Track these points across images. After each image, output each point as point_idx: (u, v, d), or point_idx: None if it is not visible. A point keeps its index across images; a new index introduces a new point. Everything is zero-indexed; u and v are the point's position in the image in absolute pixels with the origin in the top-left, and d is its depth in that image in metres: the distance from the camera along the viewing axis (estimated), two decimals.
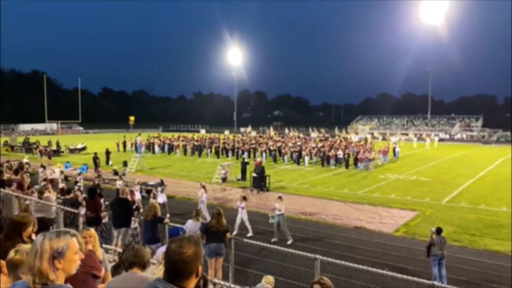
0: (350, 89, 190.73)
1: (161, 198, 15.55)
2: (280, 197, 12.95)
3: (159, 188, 16.48)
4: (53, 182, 16.10)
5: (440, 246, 9.17)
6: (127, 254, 3.17)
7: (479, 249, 11.70)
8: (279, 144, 35.83)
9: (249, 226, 13.15)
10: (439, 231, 9.50)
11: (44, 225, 4.39)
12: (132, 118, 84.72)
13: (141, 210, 15.05)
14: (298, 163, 30.40)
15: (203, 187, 15.54)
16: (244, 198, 13.56)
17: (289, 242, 11.99)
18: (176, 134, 46.18)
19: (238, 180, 22.90)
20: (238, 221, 13.22)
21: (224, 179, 20.88)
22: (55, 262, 2.01)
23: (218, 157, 34.81)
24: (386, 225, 14.13)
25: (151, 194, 15.85)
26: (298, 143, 35.48)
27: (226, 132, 53.14)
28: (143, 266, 3.14)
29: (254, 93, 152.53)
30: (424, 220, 14.81)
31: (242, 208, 13.27)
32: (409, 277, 6.20)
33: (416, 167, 28.58)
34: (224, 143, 37.59)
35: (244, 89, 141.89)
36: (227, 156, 34.96)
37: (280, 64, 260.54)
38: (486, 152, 42.25)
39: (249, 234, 12.80)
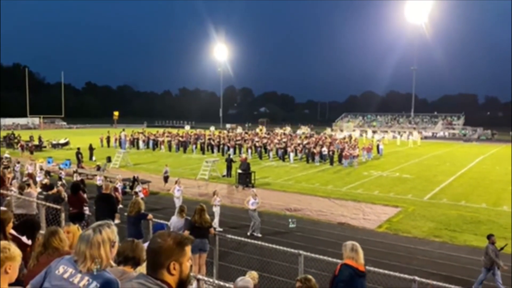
0: (335, 86, 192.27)
1: (121, 193, 15.55)
2: (255, 194, 13.02)
3: (138, 184, 16.36)
4: (33, 177, 15.79)
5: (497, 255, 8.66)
6: (125, 247, 3.07)
7: (459, 245, 11.95)
8: (264, 140, 35.91)
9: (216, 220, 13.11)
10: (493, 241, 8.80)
11: (32, 224, 4.26)
12: (116, 113, 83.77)
13: (119, 206, 15.01)
14: (284, 160, 30.50)
15: (176, 182, 15.53)
16: (214, 193, 13.42)
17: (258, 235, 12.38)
18: (161, 130, 45.81)
19: (224, 176, 22.86)
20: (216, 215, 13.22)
21: (166, 178, 19.95)
22: (112, 251, 2.32)
23: (203, 153, 34.67)
24: (369, 221, 14.30)
25: (134, 190, 15.74)
26: (284, 140, 35.58)
27: (212, 128, 52.87)
28: (137, 263, 3.07)
29: (240, 89, 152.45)
30: (406, 216, 15.04)
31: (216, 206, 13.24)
32: (391, 272, 6.30)
33: (399, 164, 28.97)
34: (209, 139, 37.45)
35: (230, 86, 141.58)
36: (213, 152, 34.87)
37: (266, 61, 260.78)
38: (467, 149, 43.10)
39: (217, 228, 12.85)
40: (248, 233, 12.40)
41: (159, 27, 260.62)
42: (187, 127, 63.01)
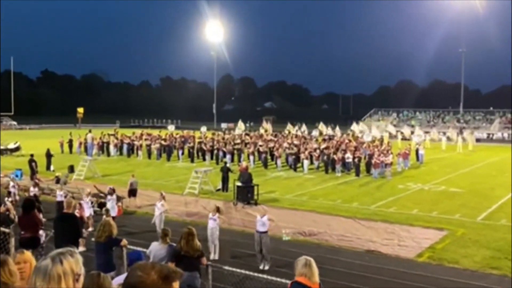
0: (362, 75, 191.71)
1: (87, 212, 15.63)
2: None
3: (111, 198, 16.43)
4: None
5: None
6: (88, 283, 3.07)
7: None
8: (271, 144, 35.94)
9: (216, 244, 13.30)
10: None
11: None
12: (80, 110, 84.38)
13: (90, 228, 15.04)
14: (295, 169, 30.59)
15: (163, 197, 15.63)
16: (218, 209, 13.61)
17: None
18: (138, 131, 45.98)
19: (218, 190, 22.91)
20: (210, 238, 13.28)
21: (132, 193, 19.95)
22: (76, 286, 2.34)
23: (192, 161, 34.82)
24: (406, 249, 14.29)
25: (104, 208, 15.80)
26: (296, 143, 35.67)
27: (203, 129, 52.86)
28: None
29: (239, 79, 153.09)
30: (454, 241, 15.01)
31: (214, 220, 13.35)
32: None
33: (445, 175, 28.96)
34: (200, 142, 37.59)
35: (227, 74, 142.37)
36: (204, 159, 34.96)
37: (273, 43, 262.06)
38: None
39: (213, 256, 12.94)
40: (261, 267, 12.34)
41: (135, 2, 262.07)
42: (171, 128, 63.15)
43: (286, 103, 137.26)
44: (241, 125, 57.70)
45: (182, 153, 36.40)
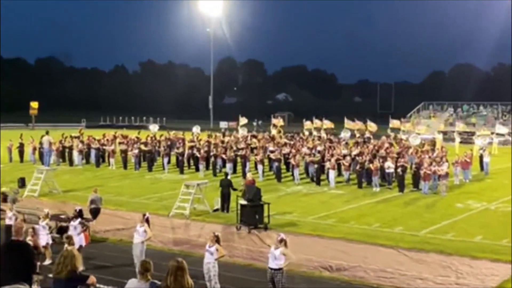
0: (406, 58, 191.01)
1: (44, 239, 15.67)
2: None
3: (74, 224, 16.47)
4: None
5: None
6: None
7: None
8: (286, 149, 35.91)
9: (216, 286, 13.34)
10: None
11: None
12: (34, 104, 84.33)
13: (48, 261, 15.06)
14: (319, 182, 30.53)
15: (147, 220, 15.61)
16: (216, 238, 13.59)
17: None
18: (110, 133, 46.10)
19: (216, 211, 22.88)
20: (206, 275, 13.31)
21: (93, 213, 20.27)
22: None
23: (181, 171, 34.86)
24: None
25: (65, 235, 15.80)
26: (319, 149, 35.60)
27: (196, 129, 52.93)
28: None
29: (244, 63, 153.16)
30: None
31: (211, 254, 13.35)
32: None
33: None
34: (192, 147, 37.65)
35: (227, 58, 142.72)
36: (197, 169, 35.02)
37: (288, 17, 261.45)
38: None
39: None
40: None
41: None
42: (154, 128, 62.85)
43: (305, 95, 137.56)
44: (245, 123, 57.85)
45: (169, 162, 36.33)
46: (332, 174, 30.43)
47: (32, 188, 26.86)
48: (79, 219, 16.65)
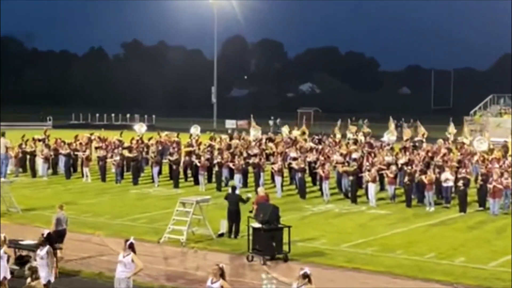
0: (470, 39, 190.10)
1: (1, 273, 15.72)
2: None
3: (41, 253, 16.50)
4: None
5: None
6: None
7: None
8: (312, 156, 35.91)
9: None
10: None
11: None
12: None
13: None
14: (355, 200, 30.62)
15: (130, 247, 15.58)
16: (222, 273, 13.56)
17: None
18: (84, 134, 46.31)
19: (221, 236, 22.99)
20: None
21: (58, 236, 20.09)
22: None
23: (176, 184, 35.12)
24: None
25: (28, 266, 15.89)
26: (355, 155, 35.57)
27: (195, 129, 52.92)
28: None
29: (257, 44, 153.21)
30: None
31: None
32: None
33: None
34: (189, 153, 37.84)
35: (235, 37, 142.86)
36: (196, 182, 35.24)
37: None
38: None
39: None
40: None
41: None
42: (141, 128, 62.74)
43: (337, 85, 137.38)
44: (258, 122, 57.73)
45: (160, 172, 36.53)
46: (373, 188, 30.47)
47: None
48: (47, 247, 16.61)
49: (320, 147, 40.42)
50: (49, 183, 36.39)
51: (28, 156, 39.70)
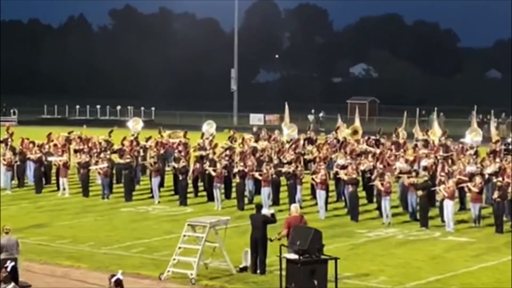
0: None
1: None
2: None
3: None
4: None
5: None
6: None
7: None
8: (367, 163, 35.84)
9: None
10: None
11: None
12: None
13: None
14: (426, 222, 30.45)
15: (117, 285, 15.62)
16: None
17: None
18: (59, 132, 46.60)
19: (243, 270, 23.00)
20: None
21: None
22: None
23: (183, 200, 35.16)
24: None
25: None
26: (425, 163, 35.49)
27: (209, 126, 53.05)
28: None
29: (293, 11, 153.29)
30: None
31: None
32: None
33: None
34: (201, 159, 38.11)
35: (263, 0, 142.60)
36: (210, 197, 35.32)
37: None
38: None
39: None
40: None
41: None
42: (136, 124, 62.91)
43: (401, 67, 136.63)
44: (289, 118, 57.67)
45: (161, 184, 36.66)
46: (450, 207, 30.36)
47: None
48: (12, 284, 16.81)
49: (378, 151, 40.36)
50: (13, 198, 36.57)
51: None
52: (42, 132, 47.13)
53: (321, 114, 76.62)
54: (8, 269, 17.07)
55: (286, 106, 57.57)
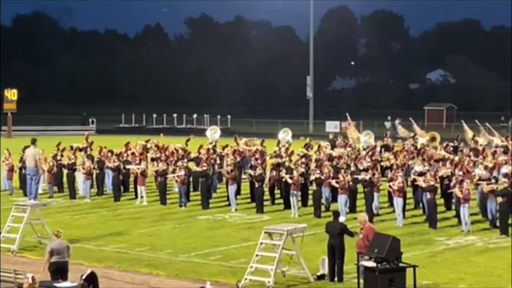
0: None
1: None
2: None
3: None
4: None
5: None
6: None
7: None
8: (445, 170, 35.48)
9: None
10: None
11: None
12: (11, 93, 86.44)
13: None
14: (506, 230, 30.00)
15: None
16: None
17: None
18: (137, 141, 46.87)
19: (321, 277, 22.90)
20: None
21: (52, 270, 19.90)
22: None
23: (260, 208, 35.21)
24: None
25: None
26: (506, 170, 35.08)
27: (285, 134, 53.09)
28: None
29: (369, 18, 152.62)
30: None
31: None
32: None
33: None
34: (278, 166, 38.09)
35: (339, 8, 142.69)
36: (287, 205, 35.28)
37: None
38: None
39: None
40: None
41: None
42: (214, 133, 63.14)
43: (479, 73, 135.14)
44: (369, 125, 57.44)
45: (238, 192, 36.74)
46: None
47: (7, 236, 27.44)
48: None
49: (456, 157, 39.98)
50: (92, 206, 36.96)
51: (65, 171, 40.38)
52: (120, 141, 47.49)
53: (397, 121, 75.93)
54: (84, 277, 17.16)
55: (361, 114, 57.50)
